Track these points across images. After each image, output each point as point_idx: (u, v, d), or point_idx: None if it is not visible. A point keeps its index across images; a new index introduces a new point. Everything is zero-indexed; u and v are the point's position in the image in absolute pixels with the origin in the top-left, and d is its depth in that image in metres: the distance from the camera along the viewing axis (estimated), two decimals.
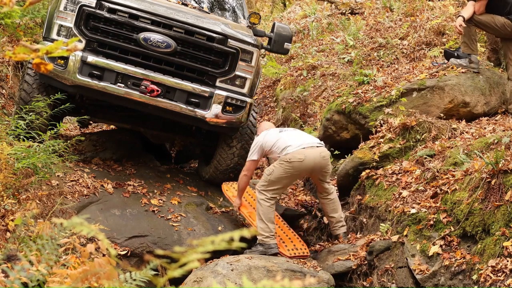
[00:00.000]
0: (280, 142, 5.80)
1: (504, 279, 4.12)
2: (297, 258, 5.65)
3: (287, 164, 5.67)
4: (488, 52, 8.00)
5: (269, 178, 5.71)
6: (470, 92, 6.94)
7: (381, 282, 5.17)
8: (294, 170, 5.71)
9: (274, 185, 5.72)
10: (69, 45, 1.71)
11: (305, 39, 12.29)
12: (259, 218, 5.70)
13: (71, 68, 5.75)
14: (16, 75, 8.14)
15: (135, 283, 2.42)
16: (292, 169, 5.70)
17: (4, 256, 2.80)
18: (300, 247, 5.86)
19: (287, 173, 5.70)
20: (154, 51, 5.84)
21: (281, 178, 5.72)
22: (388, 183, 5.94)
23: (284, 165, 5.68)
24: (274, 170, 5.70)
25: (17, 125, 5.28)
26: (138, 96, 5.85)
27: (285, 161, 5.67)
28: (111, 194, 5.99)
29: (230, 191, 6.37)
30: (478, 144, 5.55)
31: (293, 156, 5.66)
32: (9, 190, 4.43)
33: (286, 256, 5.63)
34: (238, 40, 6.06)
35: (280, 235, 5.95)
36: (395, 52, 9.10)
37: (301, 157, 5.67)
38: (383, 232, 5.48)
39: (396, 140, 6.38)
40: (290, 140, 5.81)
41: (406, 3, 10.95)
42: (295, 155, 5.67)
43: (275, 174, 5.69)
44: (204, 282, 4.96)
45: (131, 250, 5.48)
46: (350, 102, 7.29)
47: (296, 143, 5.77)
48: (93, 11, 5.76)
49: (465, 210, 4.76)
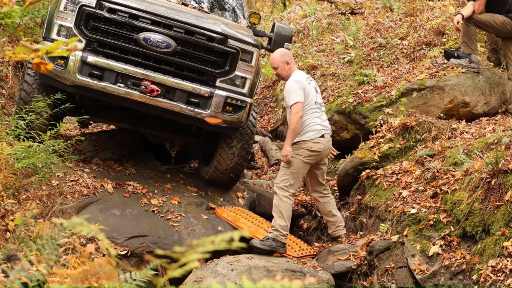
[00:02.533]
0: (309, 111, 5.61)
1: (504, 279, 4.12)
2: (305, 258, 5.65)
3: (308, 153, 5.54)
4: (488, 52, 8.00)
5: (291, 171, 5.54)
6: (470, 92, 6.94)
7: (381, 282, 5.17)
8: (312, 160, 5.61)
9: (295, 177, 5.59)
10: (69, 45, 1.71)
11: (305, 39, 12.29)
12: (279, 216, 5.54)
13: (71, 68, 5.75)
14: (16, 75, 8.13)
15: (135, 283, 2.42)
16: (311, 159, 5.59)
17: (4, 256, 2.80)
18: (305, 248, 5.86)
19: (307, 162, 5.59)
20: (154, 51, 5.83)
21: (301, 168, 5.59)
22: (388, 183, 5.94)
23: (305, 153, 5.53)
24: (294, 161, 5.53)
25: (17, 125, 5.27)
26: (138, 96, 5.84)
27: (305, 149, 5.52)
28: (111, 194, 5.99)
29: (226, 213, 6.37)
30: (478, 144, 5.55)
31: (314, 145, 5.55)
32: (9, 190, 4.42)
33: (294, 257, 5.62)
34: (238, 40, 6.06)
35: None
36: (395, 52, 9.10)
37: (320, 148, 5.60)
38: (383, 232, 5.48)
39: (396, 140, 6.38)
40: (314, 118, 5.62)
41: (406, 3, 10.96)
42: (316, 144, 5.57)
43: (296, 165, 5.54)
44: (204, 282, 4.96)
45: (131, 250, 5.48)
46: (350, 102, 7.29)
47: (317, 127, 5.60)
48: (93, 11, 5.75)
49: (465, 210, 4.76)
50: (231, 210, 6.47)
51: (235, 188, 7.19)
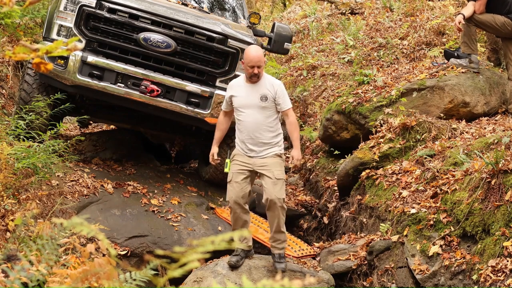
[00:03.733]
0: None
1: (504, 279, 4.12)
2: (305, 258, 5.65)
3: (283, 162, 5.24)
4: (488, 52, 8.00)
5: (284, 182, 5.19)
6: (470, 92, 6.94)
7: (381, 282, 5.17)
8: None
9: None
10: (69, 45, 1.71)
11: (305, 39, 12.29)
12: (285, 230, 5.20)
13: (71, 68, 5.75)
14: (16, 75, 8.14)
15: (135, 283, 2.42)
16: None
17: (4, 256, 2.80)
18: (305, 248, 5.87)
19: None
20: (154, 51, 5.84)
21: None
22: (388, 183, 5.94)
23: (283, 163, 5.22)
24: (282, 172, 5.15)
25: (17, 125, 5.28)
26: (138, 96, 5.85)
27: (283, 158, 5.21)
28: (111, 194, 5.99)
29: (226, 213, 6.37)
30: (478, 144, 5.55)
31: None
32: (9, 190, 4.42)
33: (294, 257, 5.62)
34: (238, 40, 6.06)
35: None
36: (395, 52, 9.10)
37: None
38: (383, 232, 5.48)
39: (396, 140, 6.38)
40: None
41: (406, 3, 10.96)
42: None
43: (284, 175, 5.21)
44: (204, 282, 4.96)
45: (131, 250, 5.48)
46: (350, 102, 7.29)
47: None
48: (93, 11, 5.76)
49: (465, 210, 4.76)
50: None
51: None
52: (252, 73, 4.96)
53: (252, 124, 5.03)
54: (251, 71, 4.96)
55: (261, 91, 5.03)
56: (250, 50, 5.04)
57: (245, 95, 5.05)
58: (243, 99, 5.06)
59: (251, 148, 5.08)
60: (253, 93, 5.03)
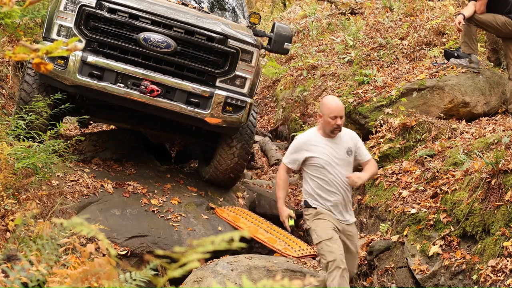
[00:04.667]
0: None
1: (504, 279, 4.12)
2: (305, 258, 5.65)
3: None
4: (488, 52, 8.00)
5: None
6: (470, 92, 6.94)
7: (381, 282, 5.17)
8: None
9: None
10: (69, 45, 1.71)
11: (305, 39, 12.29)
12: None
13: (71, 68, 5.75)
14: (16, 75, 8.13)
15: (135, 283, 2.42)
16: None
17: (4, 256, 2.80)
18: (305, 248, 5.87)
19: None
20: (154, 51, 5.83)
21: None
22: (388, 183, 5.94)
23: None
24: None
25: (17, 125, 5.28)
26: (138, 96, 5.84)
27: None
28: (111, 194, 5.99)
29: (226, 213, 6.37)
30: (478, 144, 5.55)
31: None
32: (9, 190, 4.42)
33: (294, 257, 5.62)
34: (238, 40, 6.06)
35: (283, 240, 5.96)
36: (395, 52, 9.10)
37: None
38: (383, 232, 5.48)
39: (396, 140, 6.38)
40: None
41: (406, 3, 10.95)
42: None
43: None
44: (204, 282, 4.96)
45: (131, 250, 5.48)
46: (350, 102, 7.29)
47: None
48: (93, 11, 5.75)
49: (465, 210, 4.77)
50: (231, 210, 6.47)
51: (235, 188, 7.18)
52: (335, 124, 4.45)
53: (342, 183, 4.53)
54: (334, 122, 4.44)
55: (345, 144, 4.58)
56: (330, 100, 4.59)
57: (330, 153, 4.53)
58: (328, 157, 4.51)
59: (342, 212, 4.58)
60: (337, 148, 4.55)
